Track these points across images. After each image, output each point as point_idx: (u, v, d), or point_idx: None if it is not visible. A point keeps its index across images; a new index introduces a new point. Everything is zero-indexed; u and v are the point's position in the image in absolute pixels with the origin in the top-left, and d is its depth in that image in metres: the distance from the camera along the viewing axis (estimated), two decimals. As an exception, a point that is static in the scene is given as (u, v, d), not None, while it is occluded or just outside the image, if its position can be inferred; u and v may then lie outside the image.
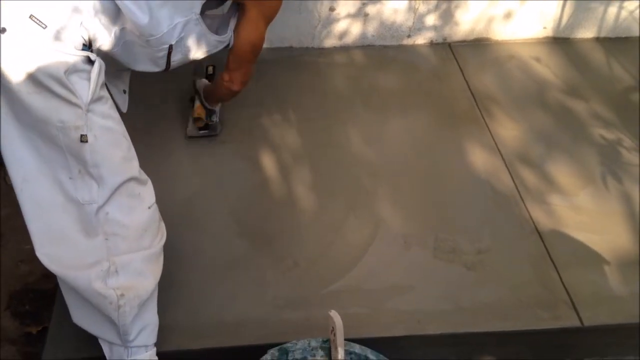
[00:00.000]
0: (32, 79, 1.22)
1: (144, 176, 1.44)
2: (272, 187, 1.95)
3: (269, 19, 1.75)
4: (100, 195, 1.32)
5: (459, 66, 2.47)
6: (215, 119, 2.08)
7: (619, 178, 2.04)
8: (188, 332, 1.57)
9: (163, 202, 1.53)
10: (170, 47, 1.53)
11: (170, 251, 1.53)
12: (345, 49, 2.53)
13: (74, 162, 1.29)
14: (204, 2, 1.55)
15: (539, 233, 1.86)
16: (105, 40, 1.40)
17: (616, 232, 1.88)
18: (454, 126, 2.20)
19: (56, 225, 1.33)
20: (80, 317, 1.43)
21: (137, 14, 1.41)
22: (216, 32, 1.67)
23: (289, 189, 1.95)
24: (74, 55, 1.27)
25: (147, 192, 1.43)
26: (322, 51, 2.51)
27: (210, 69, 2.19)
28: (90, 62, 1.30)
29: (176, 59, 1.59)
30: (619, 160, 2.10)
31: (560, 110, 2.30)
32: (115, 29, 1.41)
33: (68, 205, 1.32)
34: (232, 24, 1.72)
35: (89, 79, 1.28)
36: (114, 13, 1.39)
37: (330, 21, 2.45)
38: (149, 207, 1.41)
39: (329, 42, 2.52)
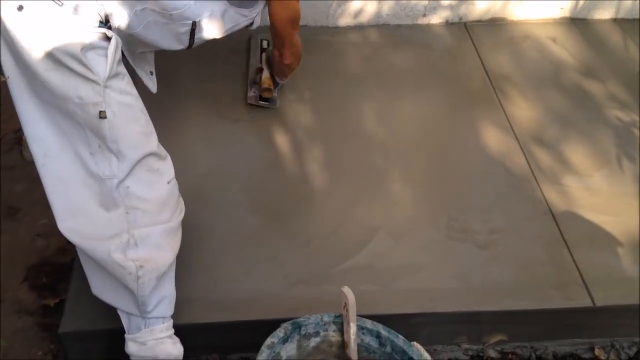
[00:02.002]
0: (49, 56, 1.23)
1: (163, 151, 1.45)
2: (285, 165, 1.96)
3: None
4: (121, 169, 1.33)
5: (474, 46, 2.45)
6: (275, 93, 2.10)
7: (634, 159, 2.03)
8: (203, 306, 1.59)
9: (177, 179, 1.54)
10: (194, 24, 1.52)
11: (184, 227, 1.54)
12: (359, 28, 2.52)
13: (93, 138, 1.30)
14: None
15: (552, 213, 1.86)
16: (123, 18, 1.39)
17: (630, 214, 1.87)
18: (469, 106, 2.19)
19: (78, 199, 1.34)
20: (100, 289, 1.45)
21: None
22: (239, 7, 1.63)
23: (302, 167, 1.95)
24: (91, 32, 1.28)
25: (167, 167, 1.44)
26: (337, 30, 2.50)
27: (265, 43, 2.21)
28: (108, 39, 1.30)
29: (200, 35, 1.57)
30: (634, 142, 2.09)
31: (576, 91, 2.28)
32: (136, 9, 1.40)
33: (89, 179, 1.33)
34: (261, 4, 1.68)
35: (106, 56, 1.28)
36: None
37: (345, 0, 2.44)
38: (168, 182, 1.43)
39: (344, 21, 2.51)
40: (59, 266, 1.82)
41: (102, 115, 1.28)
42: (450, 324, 1.67)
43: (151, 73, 1.68)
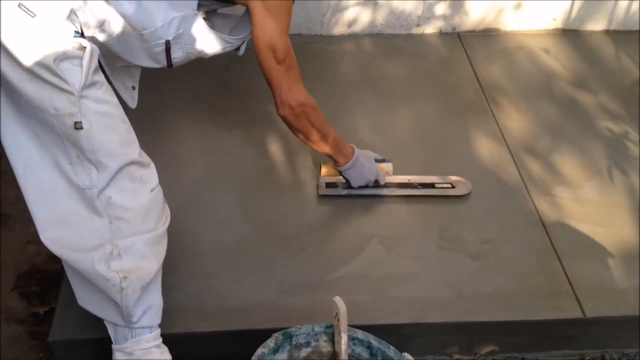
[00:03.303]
0: (23, 67, 1.22)
1: (146, 159, 1.42)
2: (279, 172, 1.96)
3: (278, 14, 1.49)
4: (100, 179, 1.31)
5: (467, 56, 2.47)
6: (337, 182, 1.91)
7: (625, 171, 2.04)
8: (193, 315, 1.59)
9: (171, 187, 1.54)
10: (168, 43, 1.50)
11: (176, 234, 1.54)
12: (353, 37, 2.53)
13: (71, 148, 1.29)
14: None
15: (543, 224, 1.86)
16: (95, 29, 1.39)
17: (620, 225, 1.88)
18: (461, 116, 2.20)
19: (60, 208, 1.33)
20: (85, 300, 1.44)
21: (123, 4, 1.39)
22: (230, 33, 1.62)
23: (296, 175, 1.95)
24: (66, 42, 1.26)
25: (150, 175, 1.41)
26: (331, 39, 2.51)
27: None
28: (84, 48, 1.29)
29: (178, 55, 1.55)
30: (625, 154, 2.10)
31: (568, 102, 2.29)
32: (106, 19, 1.39)
33: (70, 189, 1.32)
34: (245, 30, 1.62)
35: (81, 65, 1.26)
36: (103, 2, 1.37)
37: (339, 8, 2.45)
38: (152, 190, 1.40)
39: (338, 30, 2.52)
40: (49, 274, 1.82)
41: (77, 126, 1.26)
42: (442, 335, 1.67)
43: (133, 88, 1.65)
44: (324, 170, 1.90)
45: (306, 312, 1.59)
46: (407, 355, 1.41)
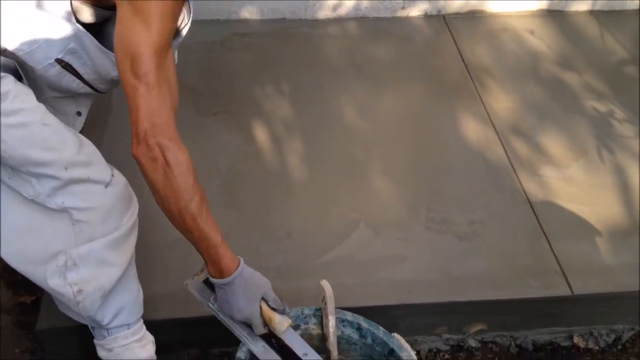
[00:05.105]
0: None
1: (88, 155, 1.27)
2: (264, 158, 1.95)
3: (148, 17, 1.11)
4: (44, 188, 1.23)
5: (453, 38, 2.46)
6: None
7: (611, 150, 2.05)
8: (182, 301, 1.57)
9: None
10: (60, 61, 1.26)
11: (160, 221, 1.52)
12: (338, 20, 2.51)
13: (2, 165, 1.22)
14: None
15: (530, 204, 1.87)
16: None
17: (607, 204, 1.89)
18: (447, 98, 2.20)
19: (20, 219, 1.27)
20: (59, 304, 1.42)
21: None
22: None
23: (281, 160, 1.94)
24: None
25: (97, 172, 1.27)
26: (316, 23, 2.49)
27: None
28: None
29: (86, 71, 1.30)
30: (611, 132, 2.11)
31: (554, 82, 2.30)
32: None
33: (23, 199, 1.26)
34: None
35: None
36: None
37: (323, -8, 2.43)
38: (106, 186, 1.28)
39: (323, 14, 2.50)
40: (35, 263, 1.80)
41: None
42: (431, 315, 1.67)
43: (78, 114, 1.45)
44: None
45: (294, 297, 1.57)
46: (396, 335, 1.41)
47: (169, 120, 1.15)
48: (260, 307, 1.26)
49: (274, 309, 1.27)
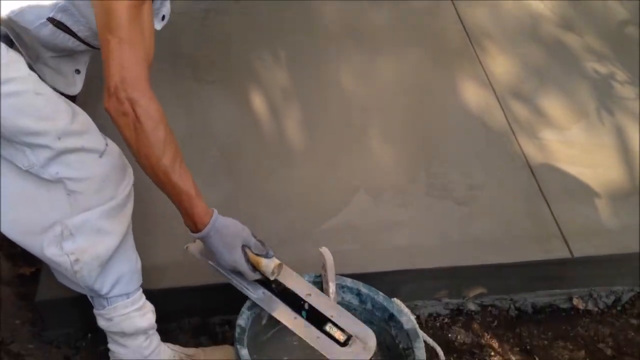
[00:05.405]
0: None
1: (82, 124, 1.26)
2: (262, 125, 1.93)
3: None
4: (38, 158, 1.21)
5: (452, 1, 2.42)
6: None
7: (611, 112, 2.03)
8: (181, 270, 1.58)
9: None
10: (52, 20, 1.24)
11: (160, 192, 1.51)
12: (335, -16, 2.46)
13: None
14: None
15: (530, 168, 1.86)
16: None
17: (607, 166, 1.88)
18: (447, 62, 2.17)
19: (16, 187, 1.26)
20: (58, 276, 1.42)
21: None
22: None
23: (279, 128, 1.93)
24: None
25: (92, 141, 1.26)
26: (312, -13, 2.44)
27: None
28: None
29: (87, 35, 1.29)
30: (611, 94, 2.09)
31: (554, 44, 2.26)
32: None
33: (18, 170, 1.24)
34: None
35: None
36: None
37: (319, -45, 2.38)
38: (101, 156, 1.27)
39: (318, -22, 2.45)
40: (34, 235, 1.79)
41: None
42: (430, 280, 1.67)
43: (77, 71, 1.43)
44: None
45: (295, 265, 1.57)
46: (396, 300, 1.41)
47: (140, 74, 1.14)
48: (247, 254, 1.29)
49: (260, 254, 1.31)
